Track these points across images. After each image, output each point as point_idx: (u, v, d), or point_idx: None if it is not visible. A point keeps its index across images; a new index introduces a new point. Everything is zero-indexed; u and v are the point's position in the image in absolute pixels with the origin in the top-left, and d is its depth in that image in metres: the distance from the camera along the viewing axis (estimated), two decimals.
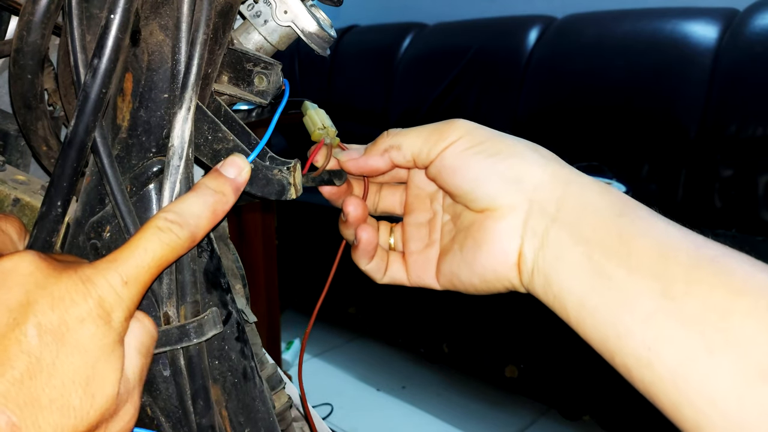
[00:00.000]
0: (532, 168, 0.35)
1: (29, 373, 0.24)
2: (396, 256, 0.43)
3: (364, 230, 0.40)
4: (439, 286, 0.40)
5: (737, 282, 0.28)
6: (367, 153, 0.40)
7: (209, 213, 0.31)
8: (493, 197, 0.35)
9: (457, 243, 0.38)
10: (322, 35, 0.39)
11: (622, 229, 0.32)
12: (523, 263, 0.35)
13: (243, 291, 0.43)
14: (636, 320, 0.29)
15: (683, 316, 0.28)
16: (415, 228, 0.42)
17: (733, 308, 0.27)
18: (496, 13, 2.49)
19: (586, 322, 0.32)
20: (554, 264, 0.33)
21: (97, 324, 0.26)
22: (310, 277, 2.21)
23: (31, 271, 0.25)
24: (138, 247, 0.28)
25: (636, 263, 0.30)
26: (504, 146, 0.36)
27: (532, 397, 1.79)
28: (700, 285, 0.28)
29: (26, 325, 0.24)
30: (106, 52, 0.30)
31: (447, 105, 2.48)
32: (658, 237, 0.31)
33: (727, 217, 1.82)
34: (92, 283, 0.26)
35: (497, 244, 0.35)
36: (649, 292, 0.29)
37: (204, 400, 0.33)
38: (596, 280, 0.31)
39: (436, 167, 0.37)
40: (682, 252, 0.30)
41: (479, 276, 0.37)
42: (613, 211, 0.33)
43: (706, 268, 0.29)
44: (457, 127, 0.37)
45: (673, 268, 0.29)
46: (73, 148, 0.30)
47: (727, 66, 1.83)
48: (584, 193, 0.34)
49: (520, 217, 0.34)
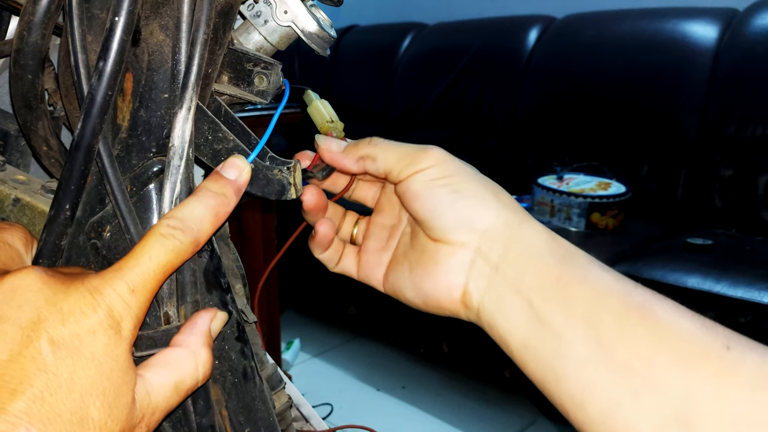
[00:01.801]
0: (488, 212, 0.37)
1: (49, 389, 0.24)
2: (351, 249, 0.45)
3: (322, 224, 0.42)
4: (383, 289, 0.43)
5: (661, 330, 0.31)
6: (345, 152, 0.41)
7: (211, 216, 0.31)
8: (446, 231, 0.37)
9: (408, 261, 0.40)
10: (322, 35, 0.39)
11: (561, 275, 0.34)
12: (468, 301, 0.37)
13: (243, 291, 0.43)
14: (571, 365, 0.32)
15: (612, 363, 0.31)
16: (378, 228, 0.44)
17: (656, 356, 0.30)
18: (496, 13, 2.49)
19: (528, 363, 0.34)
20: (498, 306, 0.35)
21: (108, 334, 0.26)
22: (310, 277, 2.21)
23: (39, 287, 0.26)
24: (143, 255, 0.28)
25: (572, 309, 0.33)
26: (467, 186, 0.37)
27: (532, 397, 1.79)
28: (627, 334, 0.31)
29: (39, 342, 0.24)
30: (111, 54, 0.30)
31: (447, 105, 2.48)
32: (593, 284, 0.33)
33: (727, 217, 1.82)
34: (100, 294, 0.26)
35: (444, 278, 0.37)
36: (583, 339, 0.32)
37: (204, 400, 0.33)
38: (536, 325, 0.34)
39: (402, 188, 0.39)
40: (614, 299, 0.32)
41: (423, 300, 0.39)
42: (554, 258, 0.35)
43: (633, 316, 0.32)
44: (431, 156, 0.38)
45: (604, 315, 0.32)
46: (80, 151, 0.30)
47: (726, 66, 1.83)
48: (530, 240, 0.36)
49: (468, 257, 0.37)
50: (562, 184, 1.83)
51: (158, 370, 0.29)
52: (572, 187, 1.80)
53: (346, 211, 0.46)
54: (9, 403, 0.23)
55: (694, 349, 0.30)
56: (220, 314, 0.32)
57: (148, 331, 0.31)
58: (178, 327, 0.32)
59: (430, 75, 2.54)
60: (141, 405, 0.27)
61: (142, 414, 0.27)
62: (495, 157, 2.33)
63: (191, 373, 0.30)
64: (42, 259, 0.32)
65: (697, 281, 1.41)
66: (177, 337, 0.30)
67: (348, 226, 0.45)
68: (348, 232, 0.45)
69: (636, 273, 1.47)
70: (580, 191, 1.77)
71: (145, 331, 0.31)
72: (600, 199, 1.74)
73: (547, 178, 1.87)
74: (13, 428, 0.23)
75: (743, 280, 1.38)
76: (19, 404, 0.23)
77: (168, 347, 0.30)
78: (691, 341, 0.30)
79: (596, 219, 1.75)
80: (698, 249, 1.59)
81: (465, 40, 2.46)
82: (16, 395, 0.23)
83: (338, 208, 0.45)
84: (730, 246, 1.64)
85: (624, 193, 1.77)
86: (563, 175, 1.89)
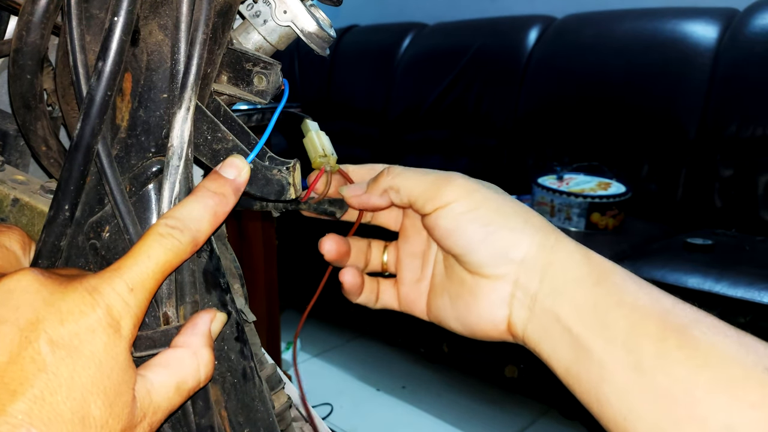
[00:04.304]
0: (521, 241, 0.37)
1: (49, 389, 0.24)
2: (387, 284, 0.44)
3: (346, 274, 0.42)
4: (427, 318, 0.43)
5: (700, 355, 0.31)
6: (370, 191, 0.41)
7: (210, 216, 0.31)
8: (482, 266, 0.37)
9: (447, 293, 0.40)
10: (322, 35, 0.39)
11: (597, 300, 0.34)
12: (514, 330, 0.37)
13: (241, 291, 0.43)
14: (613, 392, 0.32)
15: (654, 391, 0.31)
16: (410, 257, 0.43)
17: (696, 383, 0.30)
18: (496, 13, 2.49)
19: (573, 387, 0.35)
20: (541, 335, 0.36)
21: (107, 333, 0.26)
22: (310, 277, 2.20)
23: (36, 289, 0.26)
24: (141, 254, 0.28)
25: (611, 335, 0.33)
26: (496, 216, 0.37)
27: (532, 397, 1.79)
28: (666, 360, 0.31)
29: (38, 343, 0.24)
30: (110, 54, 0.30)
31: (447, 105, 2.48)
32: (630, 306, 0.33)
33: (727, 216, 1.82)
34: (99, 293, 0.26)
35: (487, 312, 0.38)
36: (624, 365, 0.32)
37: (203, 401, 0.33)
38: (578, 353, 0.34)
39: (430, 223, 0.39)
40: (651, 321, 0.32)
41: (469, 331, 0.39)
42: (590, 281, 0.35)
43: (672, 340, 0.32)
44: (455, 188, 0.38)
45: (643, 340, 0.32)
46: (79, 152, 0.30)
47: (726, 66, 1.83)
48: (565, 264, 0.36)
49: (507, 289, 0.37)
50: (562, 184, 1.83)
51: (159, 370, 0.29)
52: (572, 187, 1.80)
53: (371, 240, 0.45)
54: (10, 404, 0.23)
55: (734, 373, 0.30)
56: (220, 315, 0.32)
57: (147, 331, 0.31)
58: (177, 327, 0.32)
59: (430, 75, 2.54)
60: (142, 404, 0.27)
61: (143, 413, 0.27)
62: (495, 157, 2.33)
63: (193, 373, 0.29)
64: (41, 259, 0.32)
65: (697, 281, 1.41)
66: (178, 338, 0.30)
67: (377, 255, 0.45)
68: (378, 262, 0.45)
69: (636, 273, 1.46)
70: (580, 191, 1.77)
71: (144, 331, 0.31)
72: (600, 199, 1.74)
73: (547, 178, 1.87)
74: (15, 429, 0.23)
75: (743, 280, 1.38)
76: (20, 405, 0.23)
77: (169, 348, 0.30)
78: (731, 365, 0.30)
79: (596, 219, 1.75)
80: (698, 249, 1.59)
81: (465, 40, 2.46)
82: (16, 396, 0.23)
83: (361, 242, 0.44)
84: (730, 246, 1.64)
85: (624, 193, 1.77)
86: (563, 175, 1.88)
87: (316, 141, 0.43)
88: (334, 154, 0.43)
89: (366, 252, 0.44)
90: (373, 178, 0.41)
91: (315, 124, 0.44)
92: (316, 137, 0.43)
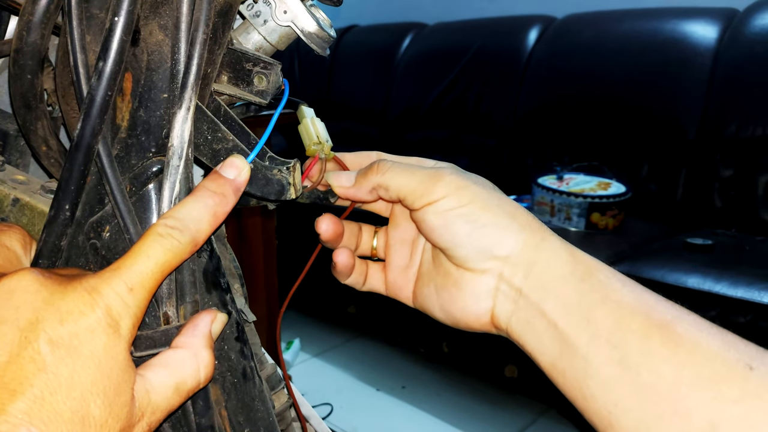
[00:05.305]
0: (507, 237, 0.37)
1: (49, 389, 0.24)
2: (375, 268, 0.45)
3: (340, 255, 0.43)
4: (412, 305, 0.43)
5: (684, 352, 0.31)
6: (357, 184, 0.41)
7: (210, 216, 0.31)
8: (467, 261, 0.38)
9: (433, 283, 0.41)
10: (322, 35, 0.39)
11: (582, 297, 0.34)
12: (497, 322, 0.38)
13: (241, 291, 0.43)
14: (598, 386, 0.33)
15: (638, 386, 0.31)
16: (399, 243, 0.44)
17: (680, 379, 0.31)
18: (496, 13, 2.49)
19: (558, 381, 0.35)
20: (525, 328, 0.36)
21: (107, 333, 0.26)
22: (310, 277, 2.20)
23: (36, 289, 0.26)
24: (140, 254, 0.28)
25: (596, 331, 0.33)
26: (483, 213, 0.37)
27: (532, 396, 1.79)
28: (650, 356, 0.32)
29: (38, 342, 0.24)
30: (111, 54, 0.30)
31: (446, 105, 2.48)
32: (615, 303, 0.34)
33: (727, 216, 1.82)
34: (98, 293, 0.26)
35: (471, 304, 0.38)
36: (608, 360, 0.33)
37: (203, 400, 0.33)
38: (563, 347, 0.34)
39: (417, 218, 0.39)
40: (636, 318, 0.33)
41: (453, 321, 0.40)
42: (575, 278, 0.35)
43: (656, 336, 0.32)
44: (445, 184, 0.38)
45: (627, 336, 0.32)
46: (80, 151, 0.30)
47: (726, 66, 1.83)
48: (550, 262, 0.36)
49: (492, 282, 0.37)
50: (562, 184, 1.83)
51: (159, 370, 0.29)
52: (572, 187, 1.80)
53: (361, 225, 0.45)
54: (9, 404, 0.23)
55: (717, 369, 0.30)
56: (221, 315, 0.32)
57: (147, 331, 0.31)
58: (177, 327, 0.32)
59: (430, 75, 2.54)
60: (140, 403, 0.27)
61: (142, 412, 0.27)
62: (495, 157, 2.33)
63: (193, 374, 0.30)
64: (42, 259, 0.32)
65: (697, 281, 1.41)
66: (178, 338, 0.30)
67: (367, 240, 0.45)
68: (368, 246, 0.45)
69: (636, 273, 1.47)
70: (580, 191, 1.77)
71: (144, 331, 0.31)
72: (600, 199, 1.74)
73: (547, 178, 1.87)
74: (15, 429, 0.23)
75: (743, 280, 1.38)
76: (20, 405, 0.23)
77: (170, 348, 0.30)
78: (714, 361, 0.30)
79: (596, 219, 1.75)
80: (698, 249, 1.59)
81: (465, 40, 2.46)
82: (16, 396, 0.23)
83: (353, 225, 0.45)
84: (730, 246, 1.64)
85: (624, 193, 1.77)
86: (563, 175, 1.89)
87: (311, 128, 0.42)
88: (329, 141, 0.42)
89: (357, 235, 0.45)
90: (362, 169, 0.41)
91: (310, 111, 0.44)
92: (311, 124, 0.42)
